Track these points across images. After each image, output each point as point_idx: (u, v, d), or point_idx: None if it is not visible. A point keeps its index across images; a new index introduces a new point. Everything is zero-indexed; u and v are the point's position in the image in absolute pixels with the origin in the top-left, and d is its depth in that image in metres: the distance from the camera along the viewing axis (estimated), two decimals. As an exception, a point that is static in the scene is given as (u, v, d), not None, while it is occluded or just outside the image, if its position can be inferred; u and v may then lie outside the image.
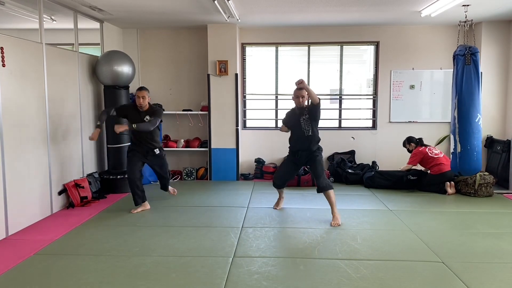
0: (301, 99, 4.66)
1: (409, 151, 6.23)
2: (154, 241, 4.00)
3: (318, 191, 4.69)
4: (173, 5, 5.35)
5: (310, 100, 4.68)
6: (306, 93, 4.61)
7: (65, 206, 5.23)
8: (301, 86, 4.57)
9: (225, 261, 3.50)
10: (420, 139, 6.25)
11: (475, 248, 3.83)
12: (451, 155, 5.48)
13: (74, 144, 5.51)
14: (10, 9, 4.92)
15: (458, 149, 5.27)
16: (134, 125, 4.74)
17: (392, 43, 6.96)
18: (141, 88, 4.93)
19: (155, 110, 5.01)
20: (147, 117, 4.90)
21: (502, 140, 6.43)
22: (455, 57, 5.32)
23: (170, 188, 5.60)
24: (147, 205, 5.08)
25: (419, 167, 6.24)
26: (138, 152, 5.02)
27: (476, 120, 5.21)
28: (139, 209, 5.00)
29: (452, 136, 5.39)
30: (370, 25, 6.85)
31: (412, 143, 6.24)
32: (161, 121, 5.32)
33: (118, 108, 5.10)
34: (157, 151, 5.09)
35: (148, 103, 4.97)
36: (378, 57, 7.01)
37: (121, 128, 4.74)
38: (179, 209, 5.15)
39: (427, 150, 6.01)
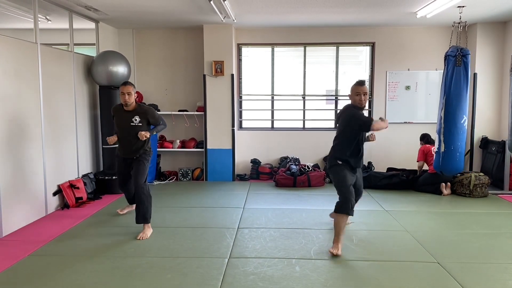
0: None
1: None
2: (149, 242, 3.98)
3: None
4: (168, 5, 5.34)
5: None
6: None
7: (60, 207, 5.20)
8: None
9: (220, 262, 3.50)
10: (426, 136, 6.26)
11: (470, 248, 3.85)
12: (434, 154, 5.51)
13: (69, 144, 5.48)
14: (4, 9, 4.89)
15: (442, 149, 5.31)
16: (153, 132, 4.31)
17: (388, 44, 6.97)
18: (125, 83, 4.15)
19: (146, 109, 4.29)
20: (136, 117, 4.21)
21: (497, 141, 6.45)
22: (446, 57, 5.35)
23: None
24: (133, 206, 4.74)
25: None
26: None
27: (462, 122, 5.25)
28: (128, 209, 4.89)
29: (436, 136, 5.42)
30: (366, 26, 6.86)
31: (421, 140, 6.29)
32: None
33: (113, 116, 4.43)
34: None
35: (135, 101, 4.24)
36: (374, 58, 7.02)
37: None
38: (175, 209, 5.13)
39: (432, 148, 6.03)
